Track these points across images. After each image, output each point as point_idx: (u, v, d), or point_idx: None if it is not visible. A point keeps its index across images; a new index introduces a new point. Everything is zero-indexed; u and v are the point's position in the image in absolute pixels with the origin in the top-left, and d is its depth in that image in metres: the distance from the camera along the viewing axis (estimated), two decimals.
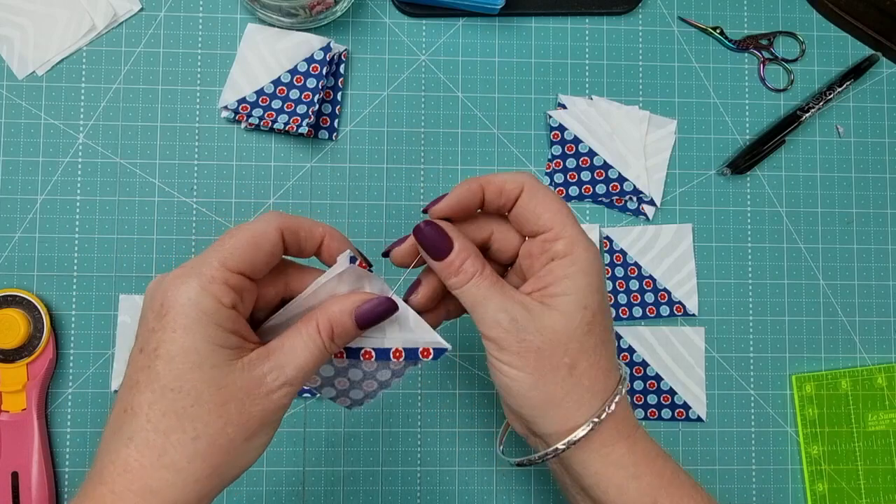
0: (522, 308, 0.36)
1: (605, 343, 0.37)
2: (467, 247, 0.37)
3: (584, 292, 0.36)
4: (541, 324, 0.36)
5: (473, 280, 0.36)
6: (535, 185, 0.38)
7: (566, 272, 0.36)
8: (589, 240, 0.37)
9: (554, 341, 0.35)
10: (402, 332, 0.37)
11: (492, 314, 0.36)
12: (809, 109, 0.60)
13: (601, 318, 0.37)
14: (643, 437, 0.38)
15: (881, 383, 0.59)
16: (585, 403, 0.36)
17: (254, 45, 0.57)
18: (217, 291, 0.32)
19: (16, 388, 0.53)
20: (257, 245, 0.34)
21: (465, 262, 0.37)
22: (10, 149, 0.57)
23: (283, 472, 0.56)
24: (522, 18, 0.60)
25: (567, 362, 0.36)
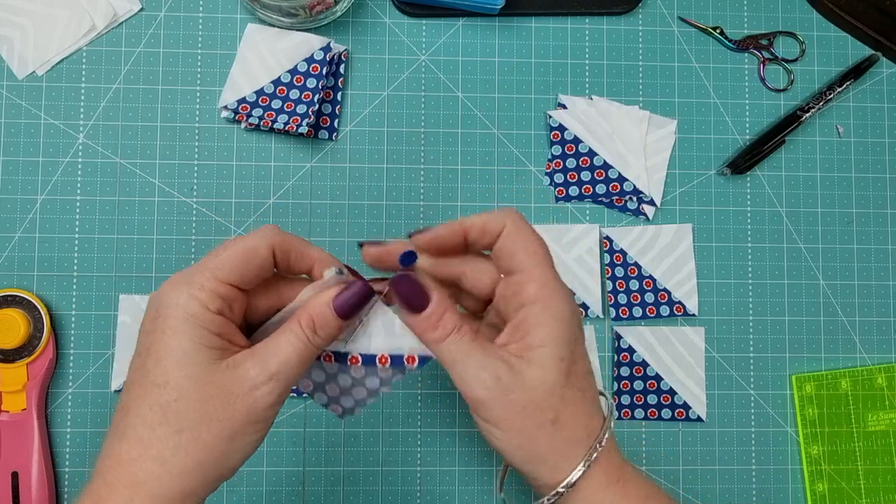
0: (504, 365, 0.35)
1: (583, 390, 0.37)
2: (445, 301, 0.36)
3: (558, 343, 0.36)
4: (522, 381, 0.35)
5: (452, 336, 0.36)
6: (518, 224, 0.38)
7: (539, 320, 0.36)
8: (562, 285, 0.37)
9: (537, 398, 0.35)
10: (389, 339, 0.37)
11: (473, 373, 0.35)
12: (809, 109, 0.60)
13: (578, 367, 0.37)
14: (634, 478, 0.38)
15: (881, 383, 0.59)
16: (570, 454, 0.36)
17: (254, 45, 0.57)
18: (205, 298, 0.33)
19: (16, 388, 0.53)
20: (247, 260, 0.35)
21: (442, 316, 0.36)
22: (10, 149, 0.57)
23: (283, 472, 0.56)
24: (522, 18, 0.60)
25: (550, 418, 0.36)
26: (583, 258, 0.58)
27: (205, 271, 0.34)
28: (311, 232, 0.57)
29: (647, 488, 0.38)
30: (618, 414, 0.58)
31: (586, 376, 0.37)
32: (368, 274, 0.39)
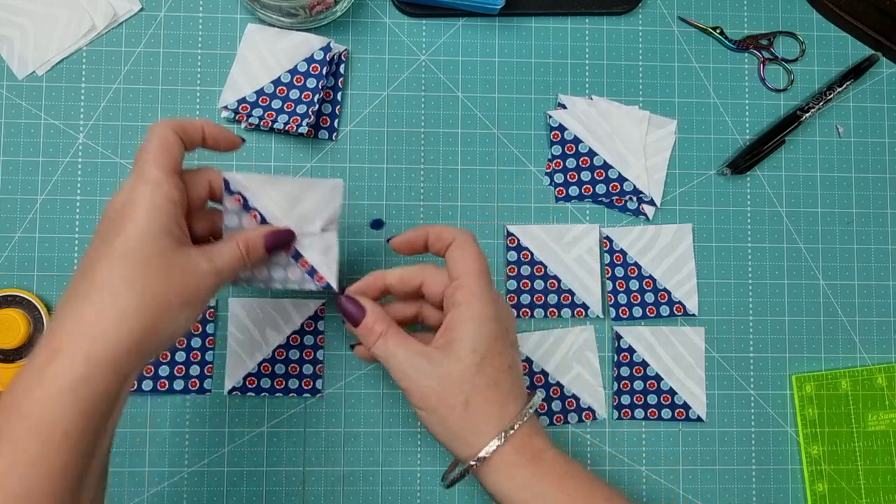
0: (424, 358, 0.43)
1: (497, 382, 0.43)
2: (375, 313, 0.45)
3: (473, 338, 0.43)
4: (439, 370, 0.43)
5: (380, 340, 0.44)
6: (464, 241, 0.45)
7: (461, 319, 0.43)
8: (489, 295, 0.44)
9: (449, 384, 0.42)
10: (319, 256, 0.47)
11: (399, 367, 0.43)
12: (809, 109, 0.60)
13: (492, 360, 0.43)
14: (552, 459, 0.43)
15: (881, 383, 0.59)
16: (482, 434, 0.42)
17: (254, 45, 0.57)
18: (165, 190, 0.40)
19: None
20: (169, 147, 0.41)
21: (374, 325, 0.45)
22: (10, 149, 0.57)
23: (283, 472, 0.56)
24: (522, 18, 0.60)
25: (462, 400, 0.42)
26: (583, 258, 0.58)
27: (151, 169, 0.40)
28: None
29: (566, 467, 0.43)
30: (617, 414, 0.58)
31: (505, 371, 0.44)
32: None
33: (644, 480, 0.58)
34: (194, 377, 0.56)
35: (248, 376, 0.56)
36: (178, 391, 0.55)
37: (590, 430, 0.58)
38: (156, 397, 0.56)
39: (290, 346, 0.56)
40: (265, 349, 0.56)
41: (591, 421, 0.58)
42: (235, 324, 0.56)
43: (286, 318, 0.56)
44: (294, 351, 0.56)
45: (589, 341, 0.58)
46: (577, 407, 0.58)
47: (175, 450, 0.56)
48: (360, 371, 0.57)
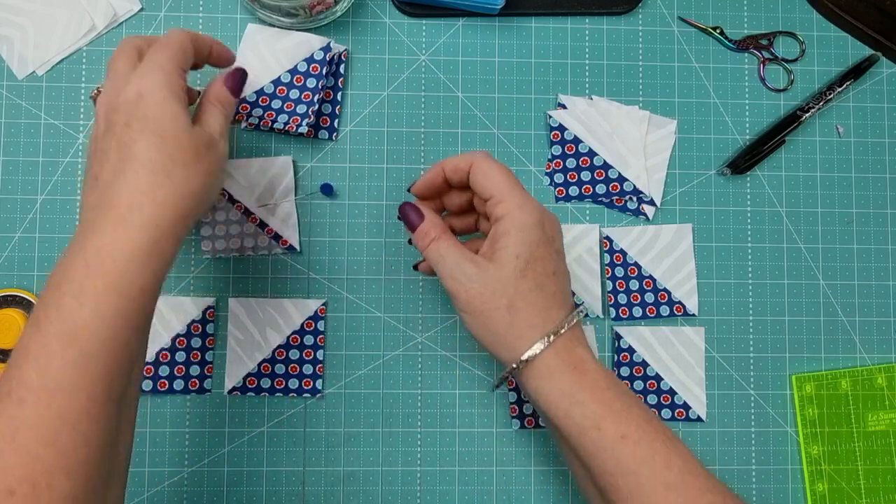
0: (471, 263, 0.45)
1: (540, 286, 0.44)
2: (431, 220, 0.47)
3: (516, 245, 0.44)
4: (484, 275, 0.44)
5: (433, 243, 0.46)
6: (482, 160, 0.46)
7: (504, 229, 0.45)
8: (530, 203, 0.45)
9: (492, 287, 0.44)
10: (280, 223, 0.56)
11: (447, 270, 0.45)
12: (809, 109, 0.60)
13: (535, 265, 0.44)
14: (595, 371, 0.44)
15: (881, 383, 0.59)
16: (525, 337, 0.43)
17: (254, 45, 0.57)
18: (178, 79, 0.43)
19: None
20: (185, 49, 0.45)
21: (429, 230, 0.46)
22: (10, 149, 0.57)
23: (283, 472, 0.56)
24: (522, 18, 0.60)
25: (504, 303, 0.44)
26: (583, 258, 0.58)
27: (164, 63, 0.43)
28: (311, 232, 0.57)
29: (607, 381, 0.44)
30: None
31: (549, 276, 0.45)
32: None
33: None
34: (194, 377, 0.56)
35: (248, 376, 0.56)
36: (178, 391, 0.56)
37: None
38: (156, 397, 0.56)
39: (290, 346, 0.56)
40: (265, 349, 0.56)
41: None
42: (235, 323, 0.56)
43: (286, 318, 0.56)
44: (294, 351, 0.56)
45: (589, 341, 0.58)
46: None
47: (175, 450, 0.56)
48: (361, 371, 0.57)
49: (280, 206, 0.57)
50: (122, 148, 0.41)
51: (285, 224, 0.57)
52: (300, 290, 0.57)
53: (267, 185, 0.56)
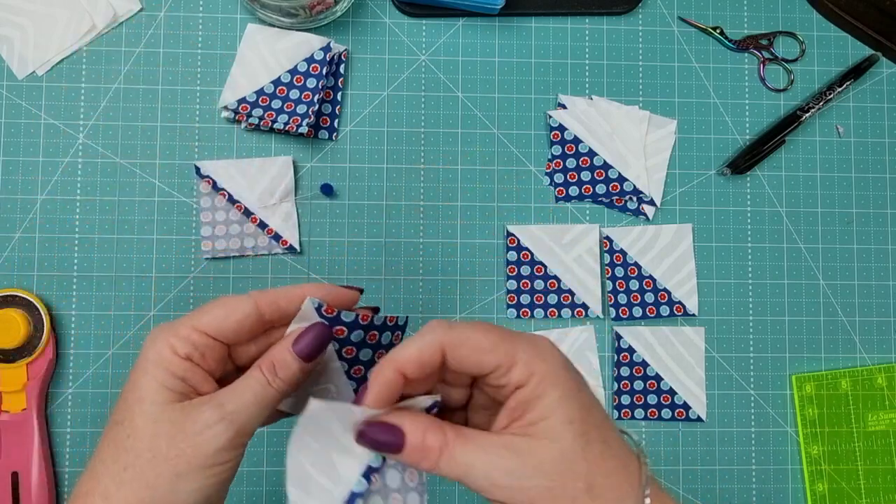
0: (510, 454, 0.32)
1: (607, 442, 0.33)
2: (419, 424, 0.33)
3: (562, 407, 0.32)
4: (536, 461, 0.32)
5: (445, 456, 0.32)
6: (454, 336, 0.33)
7: (535, 393, 0.32)
8: (542, 347, 0.34)
9: (560, 473, 0.32)
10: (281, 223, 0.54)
11: (483, 478, 0.32)
12: (809, 109, 0.60)
13: (593, 420, 0.33)
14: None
15: (881, 383, 0.59)
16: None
17: (254, 45, 0.57)
18: (175, 343, 0.34)
19: (16, 388, 0.53)
20: (227, 314, 0.35)
21: (423, 440, 0.32)
22: (10, 149, 0.57)
23: (283, 473, 0.56)
24: (522, 18, 0.60)
25: (582, 487, 0.32)
26: (583, 258, 0.58)
27: (185, 320, 0.35)
28: (311, 232, 0.57)
29: None
30: (617, 414, 0.58)
31: (605, 423, 0.34)
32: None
33: None
34: None
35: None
36: None
37: None
38: None
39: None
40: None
41: None
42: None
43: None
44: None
45: (589, 341, 0.58)
46: None
47: None
48: None
49: (280, 206, 0.57)
50: (105, 434, 0.35)
51: (285, 224, 0.57)
52: None
53: (267, 185, 0.56)
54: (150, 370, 0.34)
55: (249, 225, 0.57)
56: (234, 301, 0.36)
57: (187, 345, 0.34)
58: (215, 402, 0.34)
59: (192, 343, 0.35)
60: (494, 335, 0.33)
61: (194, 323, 0.35)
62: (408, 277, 0.58)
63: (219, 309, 0.35)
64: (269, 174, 0.57)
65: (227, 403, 0.34)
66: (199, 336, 0.35)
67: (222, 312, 0.35)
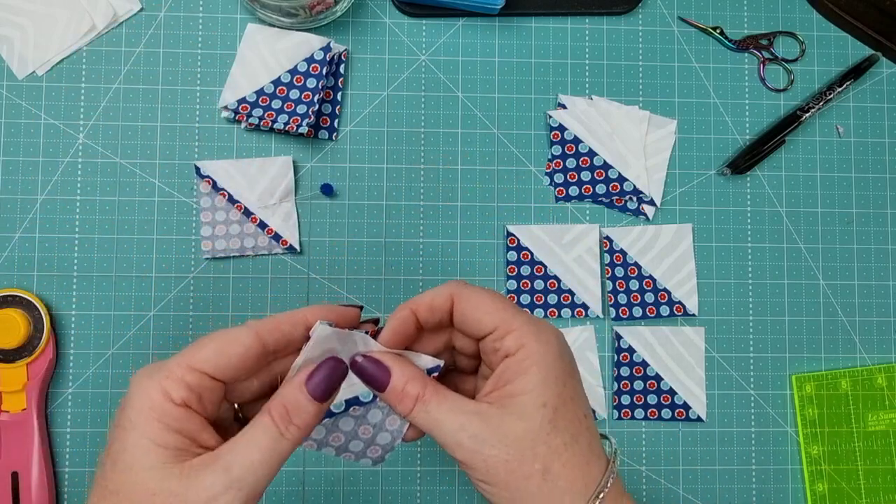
0: (479, 419, 0.34)
1: (576, 437, 0.34)
2: (406, 372, 0.35)
3: (540, 389, 0.34)
4: (501, 433, 0.33)
5: (418, 405, 0.34)
6: (465, 291, 0.36)
7: (520, 367, 0.34)
8: (543, 328, 0.35)
9: (520, 450, 0.33)
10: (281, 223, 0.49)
11: (450, 436, 0.34)
12: (809, 109, 0.60)
13: (566, 412, 0.34)
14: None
15: (881, 383, 0.59)
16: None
17: (254, 45, 0.57)
18: (169, 386, 0.31)
19: (16, 388, 0.53)
20: (225, 348, 0.32)
21: (405, 385, 0.35)
22: (10, 149, 0.57)
23: (283, 472, 0.56)
24: (522, 18, 0.60)
25: (538, 468, 0.33)
26: (583, 258, 0.58)
27: (179, 359, 0.32)
28: (311, 232, 0.57)
29: None
30: (617, 414, 0.58)
31: (580, 420, 0.35)
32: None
33: (644, 480, 0.58)
34: None
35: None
36: None
37: None
38: None
39: None
40: None
41: None
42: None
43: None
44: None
45: (589, 341, 0.58)
46: None
47: None
48: None
49: (280, 206, 0.57)
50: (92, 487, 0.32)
51: (285, 224, 0.57)
52: (300, 290, 0.57)
53: (267, 185, 0.56)
54: (140, 425, 0.30)
55: (249, 225, 0.56)
56: (232, 333, 0.33)
57: (182, 388, 0.31)
58: (220, 465, 0.31)
59: (188, 385, 0.31)
60: (500, 301, 0.35)
61: (189, 361, 0.31)
62: (408, 277, 0.58)
63: (215, 343, 0.32)
64: (269, 174, 0.57)
65: (234, 466, 0.31)
66: (196, 376, 0.31)
67: (220, 346, 0.32)
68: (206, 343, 0.32)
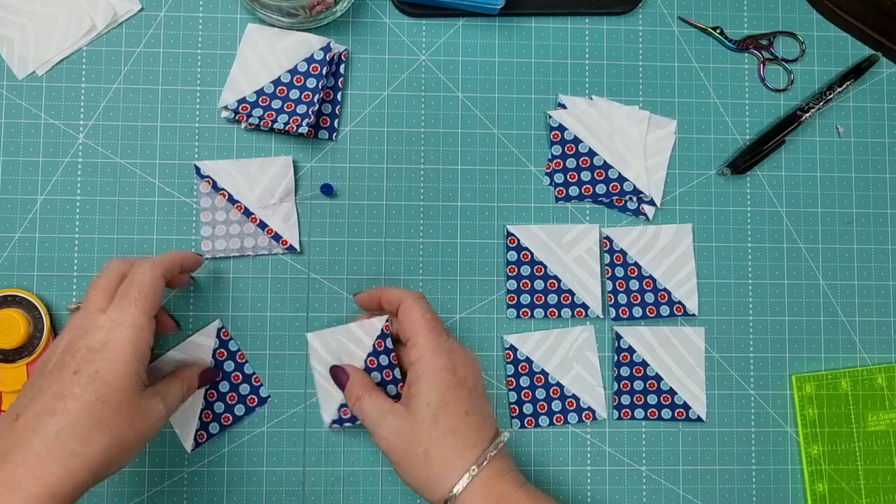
0: (391, 415, 0.47)
1: (453, 430, 0.46)
2: (356, 379, 0.50)
3: (426, 392, 0.46)
4: (400, 424, 0.47)
5: (357, 402, 0.49)
6: (410, 303, 0.49)
7: (416, 375, 0.47)
8: (442, 347, 0.47)
9: (411, 438, 0.46)
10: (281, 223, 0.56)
11: (371, 425, 0.48)
12: (809, 109, 0.60)
13: (446, 410, 0.46)
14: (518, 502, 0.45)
15: (881, 383, 0.59)
16: (446, 480, 0.45)
17: (254, 45, 0.57)
18: (146, 336, 0.45)
19: (16, 388, 0.53)
20: (157, 292, 0.46)
21: (353, 388, 0.50)
22: (10, 149, 0.57)
23: (283, 472, 0.56)
24: (522, 18, 0.60)
25: (421, 451, 0.46)
26: (583, 258, 0.58)
27: (135, 311, 0.44)
28: (311, 232, 0.57)
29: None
30: (617, 414, 0.58)
31: (461, 417, 0.46)
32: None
33: (644, 480, 0.58)
34: (249, 395, 0.56)
35: (343, 406, 0.53)
36: (241, 416, 0.56)
37: (590, 430, 0.58)
38: None
39: (370, 368, 0.53)
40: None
41: (591, 421, 0.58)
42: (317, 359, 0.54)
43: (357, 343, 0.53)
44: (375, 373, 0.53)
45: (589, 341, 0.58)
46: (577, 407, 0.58)
47: (175, 450, 0.56)
48: None
49: (280, 206, 0.57)
50: (57, 399, 0.41)
51: (285, 224, 0.57)
52: (300, 290, 0.57)
53: (267, 185, 0.56)
54: (132, 362, 0.43)
55: (249, 225, 0.56)
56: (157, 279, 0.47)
57: (150, 335, 0.45)
58: (161, 397, 0.46)
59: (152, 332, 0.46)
60: (424, 319, 0.48)
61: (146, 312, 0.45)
62: (408, 277, 0.58)
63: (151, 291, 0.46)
64: (269, 174, 0.57)
65: (168, 401, 0.47)
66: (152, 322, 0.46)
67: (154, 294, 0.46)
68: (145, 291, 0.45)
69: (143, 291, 0.45)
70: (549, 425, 0.58)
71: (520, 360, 0.58)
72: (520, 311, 0.58)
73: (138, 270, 0.46)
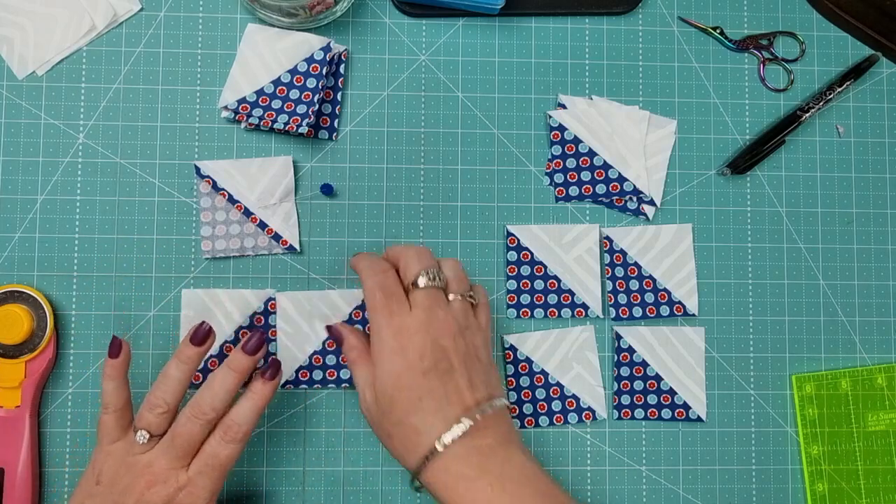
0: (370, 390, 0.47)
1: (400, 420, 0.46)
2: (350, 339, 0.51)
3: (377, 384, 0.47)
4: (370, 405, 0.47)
5: (350, 363, 0.50)
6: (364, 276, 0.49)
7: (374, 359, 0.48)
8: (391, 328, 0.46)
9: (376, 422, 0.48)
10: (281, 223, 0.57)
11: (358, 387, 0.49)
12: (809, 109, 0.60)
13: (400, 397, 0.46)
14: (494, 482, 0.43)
15: (881, 383, 0.59)
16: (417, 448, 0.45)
17: (254, 45, 0.57)
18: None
19: (12, 384, 0.53)
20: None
21: (349, 351, 0.51)
22: (10, 149, 0.57)
23: (283, 472, 0.56)
24: (522, 18, 0.60)
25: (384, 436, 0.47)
26: (583, 258, 0.58)
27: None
28: (311, 232, 0.57)
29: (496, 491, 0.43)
30: (617, 414, 0.58)
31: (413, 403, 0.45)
32: None
33: (644, 480, 0.58)
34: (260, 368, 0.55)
35: (301, 369, 0.56)
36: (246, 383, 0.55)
37: (590, 430, 0.58)
38: None
39: None
40: (315, 341, 0.56)
41: (591, 421, 0.58)
42: (284, 318, 0.56)
43: (334, 309, 0.56)
44: None
45: (589, 341, 0.58)
46: (577, 407, 0.58)
47: None
48: None
49: (280, 206, 0.57)
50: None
51: (285, 224, 0.57)
52: (300, 290, 0.57)
53: (267, 185, 0.56)
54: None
55: (249, 225, 0.56)
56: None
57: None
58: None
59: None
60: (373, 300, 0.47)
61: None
62: None
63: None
64: (269, 174, 0.57)
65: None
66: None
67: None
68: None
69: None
70: (549, 425, 0.58)
71: (520, 360, 0.58)
72: (520, 311, 0.58)
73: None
